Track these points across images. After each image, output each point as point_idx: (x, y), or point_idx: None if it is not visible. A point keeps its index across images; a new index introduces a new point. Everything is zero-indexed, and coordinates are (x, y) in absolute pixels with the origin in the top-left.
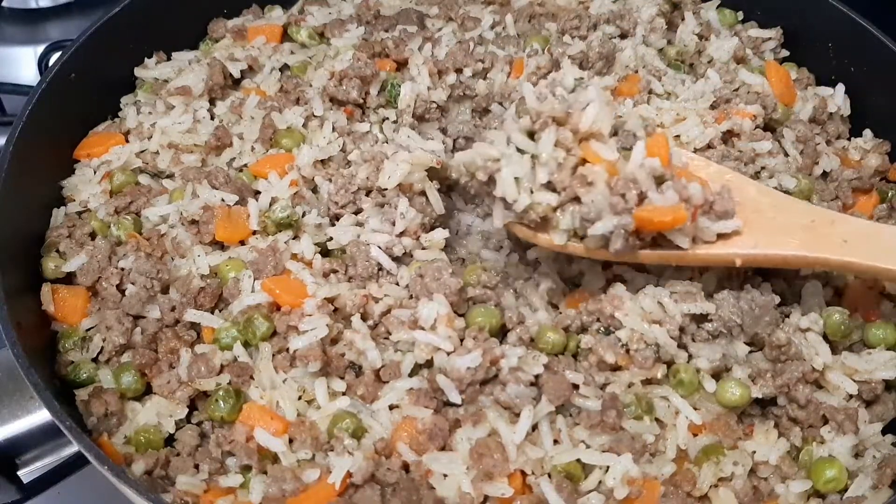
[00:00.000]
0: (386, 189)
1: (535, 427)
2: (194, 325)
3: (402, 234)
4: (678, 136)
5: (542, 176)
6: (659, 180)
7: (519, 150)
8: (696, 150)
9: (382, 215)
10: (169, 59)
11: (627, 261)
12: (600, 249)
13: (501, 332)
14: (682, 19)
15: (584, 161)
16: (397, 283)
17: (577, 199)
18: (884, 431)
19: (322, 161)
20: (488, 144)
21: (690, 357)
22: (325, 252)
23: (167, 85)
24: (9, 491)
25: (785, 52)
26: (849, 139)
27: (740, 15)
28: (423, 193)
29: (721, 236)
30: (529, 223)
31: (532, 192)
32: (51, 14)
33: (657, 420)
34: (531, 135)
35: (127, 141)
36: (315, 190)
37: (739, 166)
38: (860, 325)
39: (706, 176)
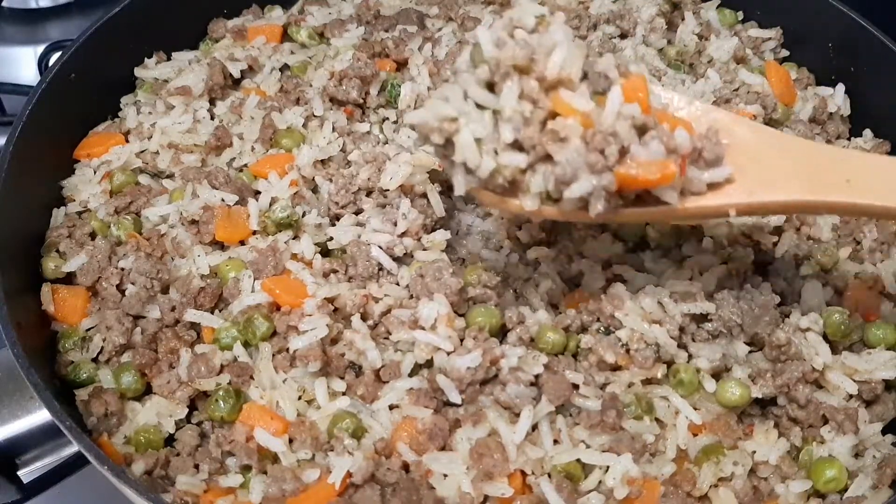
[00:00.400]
0: (387, 190)
1: (535, 427)
2: (194, 325)
3: (403, 234)
4: None
5: (507, 134)
6: (640, 130)
7: (478, 105)
8: None
9: (384, 216)
10: (169, 59)
11: (608, 221)
12: (579, 211)
13: (501, 332)
14: (682, 19)
15: (554, 114)
16: (397, 284)
17: (548, 158)
18: (884, 431)
19: (322, 161)
20: (442, 101)
21: (690, 357)
22: (325, 252)
23: (167, 85)
24: (9, 491)
25: (785, 52)
26: (849, 139)
27: (740, 15)
28: (424, 195)
29: (712, 186)
30: (495, 188)
31: (497, 153)
32: (51, 14)
33: (657, 420)
34: (491, 87)
35: (127, 141)
36: (315, 190)
37: None
38: (860, 325)
39: (689, 116)
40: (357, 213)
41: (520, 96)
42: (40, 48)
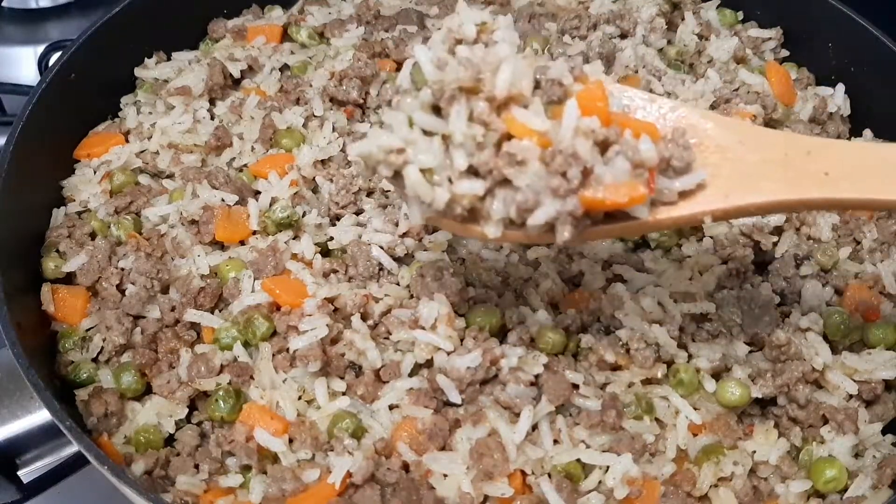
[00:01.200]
0: (388, 190)
1: (535, 427)
2: (194, 325)
3: (404, 234)
4: None
5: (459, 161)
6: (603, 145)
7: (425, 132)
8: None
9: (385, 216)
10: (169, 59)
11: (575, 244)
12: (545, 234)
13: (501, 332)
14: (682, 19)
15: (508, 135)
16: (397, 284)
17: (508, 182)
18: (884, 431)
19: (322, 161)
20: (386, 132)
21: (690, 357)
22: (325, 252)
23: (167, 85)
24: (9, 491)
25: (785, 52)
26: (849, 139)
27: (740, 15)
28: None
29: (684, 194)
30: (455, 217)
31: (451, 181)
32: (51, 14)
33: (657, 420)
34: (437, 109)
35: (127, 141)
36: (315, 190)
37: None
38: (860, 325)
39: (653, 117)
40: (357, 213)
41: (469, 119)
42: (40, 48)
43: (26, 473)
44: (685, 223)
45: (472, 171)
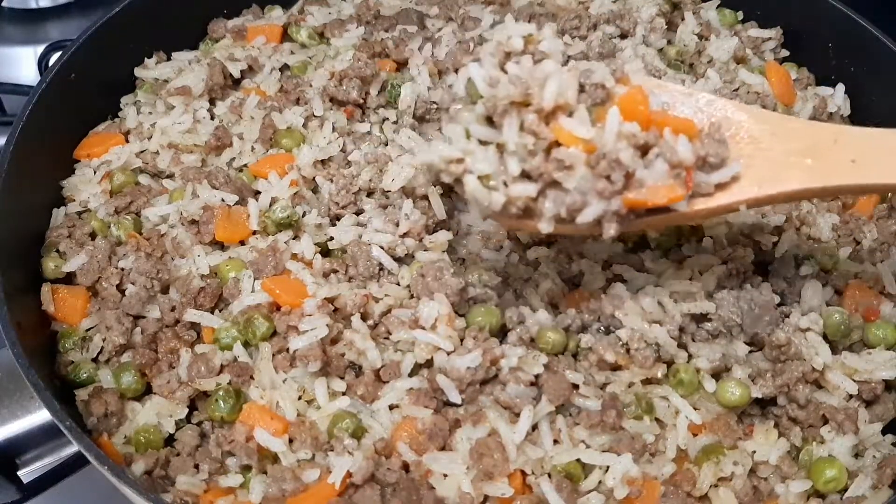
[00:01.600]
0: (389, 191)
1: (535, 427)
2: (194, 325)
3: (405, 234)
4: None
5: (513, 168)
6: (643, 148)
7: (481, 141)
8: None
9: (385, 216)
10: (169, 59)
11: (622, 234)
12: (594, 227)
13: (501, 332)
14: (682, 19)
15: (557, 141)
16: (398, 284)
17: (557, 183)
18: (884, 431)
19: (322, 161)
20: (446, 144)
21: (690, 357)
22: (325, 252)
23: (167, 85)
24: (9, 491)
25: (785, 52)
26: None
27: (740, 15)
28: (424, 197)
29: (720, 185)
30: (511, 216)
31: (506, 184)
32: (51, 14)
33: (657, 420)
34: (490, 120)
35: (127, 141)
36: (315, 190)
37: None
38: (860, 325)
39: (692, 111)
40: (358, 213)
41: (520, 129)
42: (40, 48)
43: (26, 473)
44: (721, 212)
45: (525, 175)
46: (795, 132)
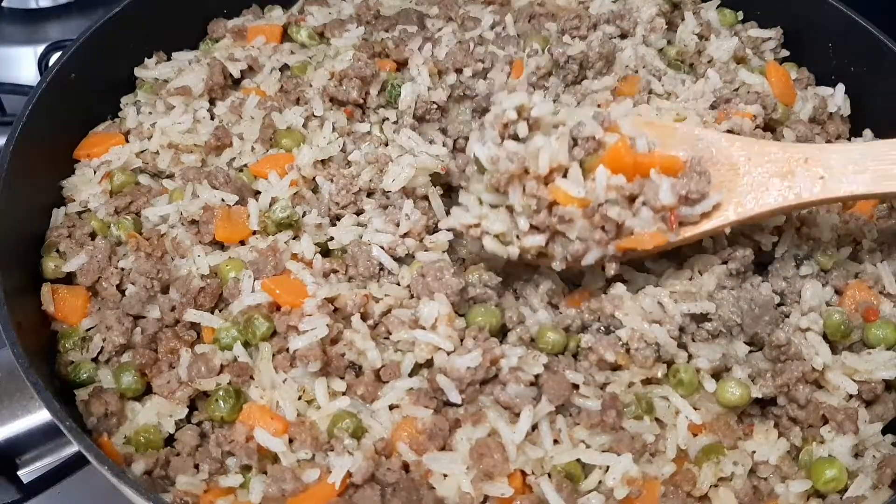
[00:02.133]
0: (389, 191)
1: (535, 427)
2: (194, 325)
3: (405, 235)
4: None
5: (523, 225)
6: (631, 198)
7: (493, 206)
8: None
9: (386, 216)
10: (169, 59)
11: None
12: (599, 263)
13: (501, 332)
14: (682, 19)
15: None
16: (398, 284)
17: (562, 233)
18: (884, 431)
19: (322, 161)
20: (463, 210)
21: (690, 357)
22: (325, 252)
23: (167, 85)
24: (9, 491)
25: (785, 52)
26: (849, 139)
27: (740, 15)
28: (424, 197)
29: (704, 213)
30: (528, 260)
31: (518, 237)
32: (51, 14)
33: (657, 420)
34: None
35: (127, 141)
36: (315, 190)
37: None
38: (860, 325)
39: (675, 142)
40: (358, 213)
41: (524, 192)
42: (40, 48)
43: (26, 473)
44: (707, 235)
45: (535, 227)
46: (769, 155)
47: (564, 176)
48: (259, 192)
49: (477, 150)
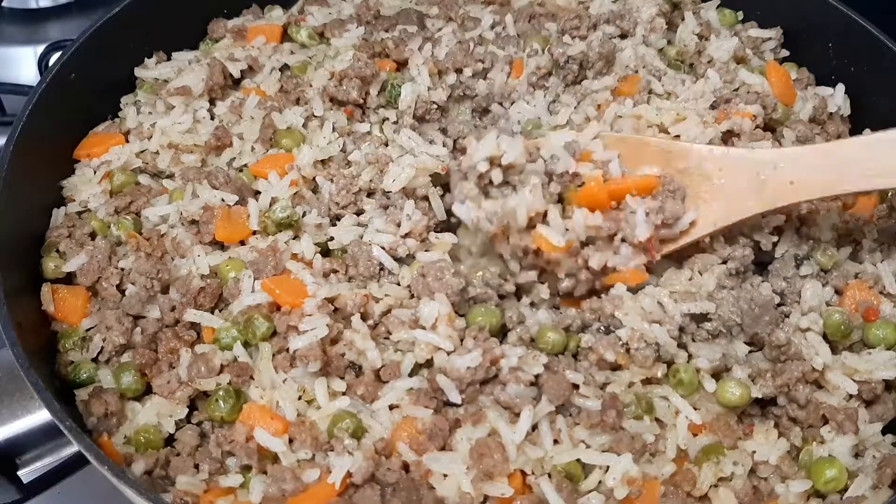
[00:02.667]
0: (389, 191)
1: (535, 427)
2: (194, 325)
3: (406, 235)
4: (678, 137)
5: (513, 267)
6: (610, 235)
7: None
8: None
9: (386, 216)
10: (169, 59)
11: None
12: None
13: (501, 332)
14: (682, 19)
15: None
16: (398, 284)
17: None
18: (884, 431)
19: (322, 161)
20: (458, 263)
21: (690, 357)
22: (325, 252)
23: (167, 85)
24: (9, 491)
25: (785, 52)
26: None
27: (740, 15)
28: (424, 197)
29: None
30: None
31: (514, 275)
32: (51, 14)
33: (657, 420)
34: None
35: (127, 141)
36: (315, 190)
37: None
38: (860, 325)
39: (648, 156)
40: (358, 213)
41: (509, 243)
42: (40, 48)
43: (26, 473)
44: (686, 248)
45: (527, 267)
46: (741, 166)
47: (545, 217)
48: (259, 192)
49: (458, 211)
